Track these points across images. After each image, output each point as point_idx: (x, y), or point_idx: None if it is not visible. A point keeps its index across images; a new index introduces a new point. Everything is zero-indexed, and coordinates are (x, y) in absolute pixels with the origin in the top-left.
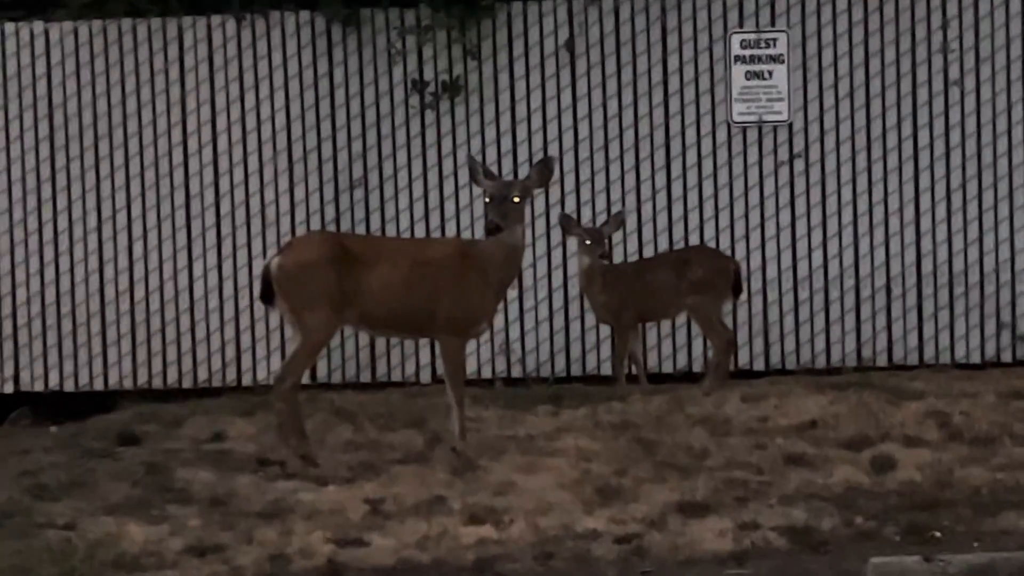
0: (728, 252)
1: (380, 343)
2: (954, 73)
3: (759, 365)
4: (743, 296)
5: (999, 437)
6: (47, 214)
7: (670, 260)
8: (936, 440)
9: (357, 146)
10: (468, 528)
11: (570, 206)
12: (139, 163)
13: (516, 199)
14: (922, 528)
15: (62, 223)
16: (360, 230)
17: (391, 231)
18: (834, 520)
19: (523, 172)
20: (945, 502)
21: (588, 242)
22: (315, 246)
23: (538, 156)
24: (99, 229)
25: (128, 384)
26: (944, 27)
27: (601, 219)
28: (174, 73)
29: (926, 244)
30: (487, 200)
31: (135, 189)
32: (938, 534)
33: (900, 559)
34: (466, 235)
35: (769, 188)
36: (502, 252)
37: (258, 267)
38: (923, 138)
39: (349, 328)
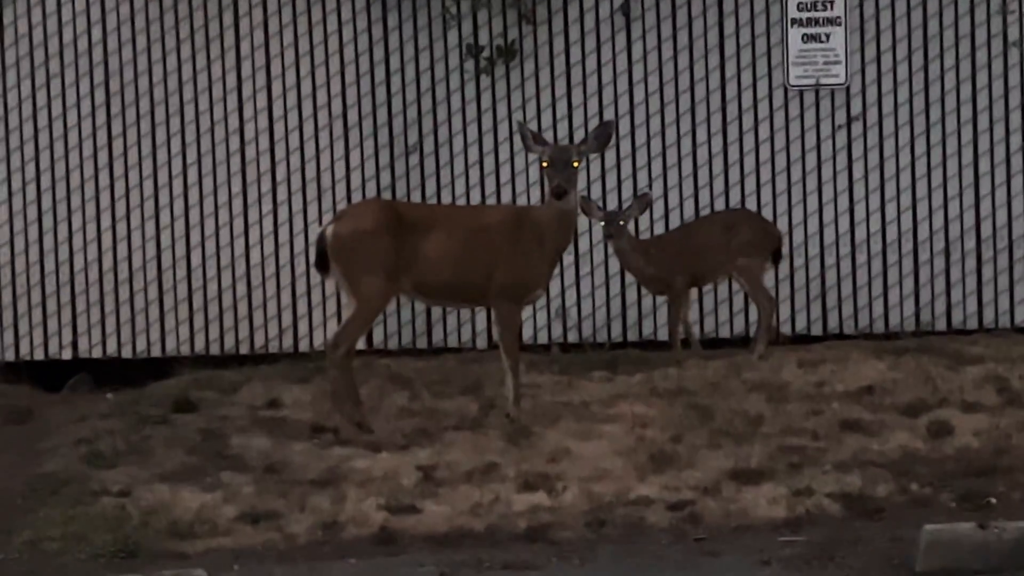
0: (785, 217)
1: (436, 309)
2: (1013, 34)
3: (816, 330)
4: (800, 261)
5: None
6: (104, 181)
7: (716, 222)
8: (994, 405)
9: (412, 111)
10: (521, 495)
11: (626, 171)
12: (195, 129)
13: (576, 164)
14: (978, 495)
15: (119, 190)
16: (415, 196)
17: (446, 197)
18: (889, 487)
19: (579, 137)
20: (1002, 468)
21: (602, 224)
22: (370, 213)
23: (593, 121)
24: (155, 195)
25: (185, 350)
26: None
27: (657, 185)
28: (229, 39)
29: (985, 208)
30: (545, 164)
31: (191, 155)
32: (994, 500)
33: (954, 526)
34: (521, 201)
35: (826, 152)
36: (558, 218)
37: (313, 233)
38: (982, 101)
39: (403, 297)
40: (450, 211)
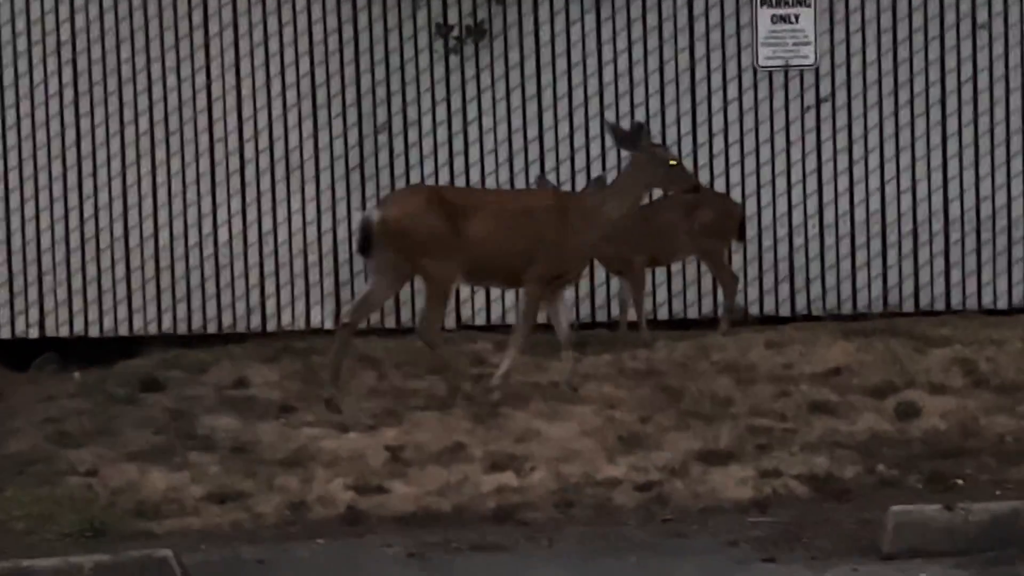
0: (754, 198)
1: (403, 290)
2: (981, 16)
3: (784, 311)
4: (768, 242)
5: None
6: (71, 160)
7: (677, 203)
8: (961, 387)
9: (381, 91)
10: (489, 476)
11: (595, 152)
12: (163, 109)
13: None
14: (945, 476)
15: (86, 168)
16: (384, 176)
17: (415, 177)
18: (857, 468)
19: (547, 118)
20: (969, 450)
21: None
22: (416, 197)
23: (563, 101)
24: (123, 175)
25: (153, 330)
26: None
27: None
28: (197, 18)
29: (953, 189)
30: (673, 164)
31: (159, 134)
32: (961, 482)
33: (921, 507)
34: (490, 181)
35: (795, 133)
36: (621, 208)
37: (282, 212)
38: (950, 82)
39: None
40: (492, 195)
